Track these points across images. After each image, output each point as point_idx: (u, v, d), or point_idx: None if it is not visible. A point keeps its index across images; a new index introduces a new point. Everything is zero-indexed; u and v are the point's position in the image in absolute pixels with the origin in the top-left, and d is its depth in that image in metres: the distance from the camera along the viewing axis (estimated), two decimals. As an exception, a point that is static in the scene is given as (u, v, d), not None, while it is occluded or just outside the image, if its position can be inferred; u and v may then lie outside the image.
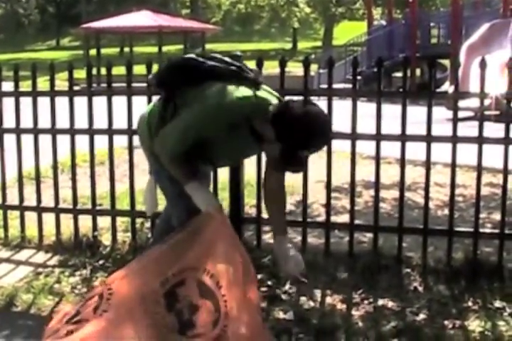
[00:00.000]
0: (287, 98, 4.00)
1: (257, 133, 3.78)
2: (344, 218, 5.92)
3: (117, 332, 3.49)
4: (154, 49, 32.42)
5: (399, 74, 21.98)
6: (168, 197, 4.29)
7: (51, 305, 4.69)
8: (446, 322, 4.30)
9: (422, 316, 4.41)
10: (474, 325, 4.26)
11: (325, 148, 5.27)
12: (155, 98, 5.39)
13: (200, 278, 3.56)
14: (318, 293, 4.77)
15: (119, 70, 5.95)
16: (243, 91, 3.78)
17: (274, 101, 3.85)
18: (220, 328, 3.48)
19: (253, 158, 5.10)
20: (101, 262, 5.40)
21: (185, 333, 3.48)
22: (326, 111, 5.02)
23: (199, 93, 3.84)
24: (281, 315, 4.42)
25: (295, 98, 3.97)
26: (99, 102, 5.69)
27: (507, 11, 21.95)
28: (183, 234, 3.76)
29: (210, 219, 3.72)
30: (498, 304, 4.54)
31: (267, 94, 3.92)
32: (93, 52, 30.37)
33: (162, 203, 4.57)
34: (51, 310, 4.62)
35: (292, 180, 5.94)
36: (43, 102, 5.78)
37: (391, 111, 5.59)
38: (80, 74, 6.07)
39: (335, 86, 5.42)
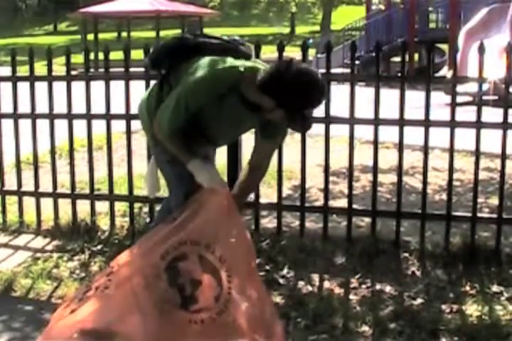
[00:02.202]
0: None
1: (249, 104, 3.78)
2: (342, 202, 5.92)
3: (118, 308, 3.52)
4: (152, 34, 32.31)
5: (397, 59, 22.01)
6: (167, 179, 4.31)
7: (50, 289, 4.70)
8: (443, 307, 4.32)
9: (419, 300, 4.42)
10: (472, 309, 4.27)
11: (323, 134, 5.29)
12: (153, 82, 5.41)
13: (202, 253, 3.58)
14: (316, 277, 4.78)
15: (116, 55, 5.94)
16: (230, 62, 3.82)
17: (263, 68, 3.84)
18: (223, 303, 3.52)
19: (251, 143, 5.09)
20: (99, 247, 5.41)
21: (188, 308, 3.51)
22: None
23: (188, 68, 3.89)
24: (278, 299, 4.43)
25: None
26: (97, 87, 5.68)
27: (506, -5, 21.88)
28: (183, 209, 3.80)
29: (214, 194, 3.74)
30: (495, 288, 4.55)
31: (257, 64, 3.93)
32: (91, 36, 30.23)
33: (163, 187, 4.58)
34: (50, 294, 4.63)
35: (290, 164, 5.95)
36: (41, 87, 5.77)
37: (389, 96, 5.58)
38: (78, 58, 6.08)
39: (333, 70, 5.41)
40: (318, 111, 5.24)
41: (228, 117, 3.92)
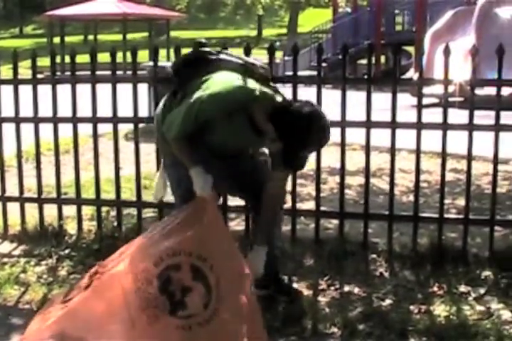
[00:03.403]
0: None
1: (257, 127, 3.93)
2: (310, 205, 5.93)
3: (104, 310, 3.59)
4: (119, 37, 32.17)
5: (364, 61, 22.06)
6: (169, 182, 4.45)
7: (17, 294, 4.66)
8: (412, 307, 4.34)
9: (388, 301, 4.44)
10: (440, 309, 4.30)
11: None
12: (119, 85, 5.42)
13: (193, 263, 3.65)
14: (284, 279, 4.78)
15: (83, 58, 5.91)
16: (247, 82, 3.94)
17: (279, 98, 3.99)
18: (211, 310, 3.59)
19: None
20: (67, 251, 5.37)
21: (177, 314, 3.58)
22: (291, 98, 5.04)
23: (205, 80, 4.02)
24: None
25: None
26: (64, 90, 5.65)
27: (471, -2, 22.06)
28: (177, 216, 3.89)
29: (206, 204, 3.82)
30: (462, 289, 4.59)
31: (273, 91, 4.05)
32: (57, 40, 30.07)
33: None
34: (17, 299, 4.59)
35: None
36: (7, 91, 5.73)
37: (356, 98, 5.61)
38: (44, 62, 6.05)
39: (300, 73, 5.42)
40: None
41: (234, 133, 4.01)
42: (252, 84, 3.96)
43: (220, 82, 3.95)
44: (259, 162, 4.36)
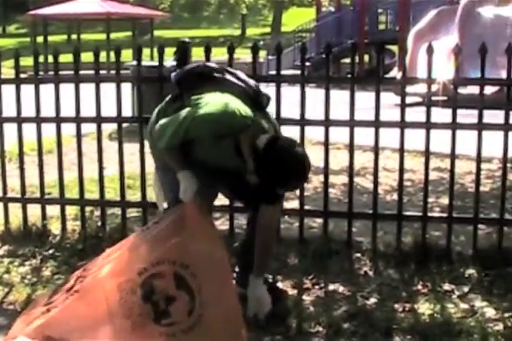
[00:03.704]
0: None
1: (240, 154, 3.94)
2: (294, 204, 5.92)
3: (88, 317, 3.59)
4: (102, 36, 32.05)
5: (347, 60, 22.08)
6: (162, 184, 4.45)
7: (1, 295, 4.63)
8: (396, 306, 4.35)
9: (372, 300, 4.46)
10: (424, 307, 4.31)
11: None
12: (103, 85, 5.40)
13: (176, 271, 3.69)
14: (269, 278, 4.78)
15: (66, 58, 5.89)
16: (243, 110, 3.92)
17: (269, 130, 4.00)
18: (195, 317, 3.62)
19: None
20: (51, 251, 5.35)
21: (160, 322, 3.62)
22: (274, 97, 5.05)
23: (204, 96, 4.02)
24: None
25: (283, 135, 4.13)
26: (47, 90, 5.63)
27: (454, -3, 22.13)
28: (163, 221, 3.94)
29: (190, 209, 3.86)
30: (446, 287, 4.61)
31: (266, 122, 4.06)
32: (40, 39, 29.96)
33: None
34: (1, 300, 4.57)
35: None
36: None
37: (340, 97, 5.61)
38: (27, 61, 6.02)
39: (283, 72, 5.42)
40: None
41: (221, 155, 4.02)
42: (246, 111, 3.93)
43: (216, 103, 3.92)
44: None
